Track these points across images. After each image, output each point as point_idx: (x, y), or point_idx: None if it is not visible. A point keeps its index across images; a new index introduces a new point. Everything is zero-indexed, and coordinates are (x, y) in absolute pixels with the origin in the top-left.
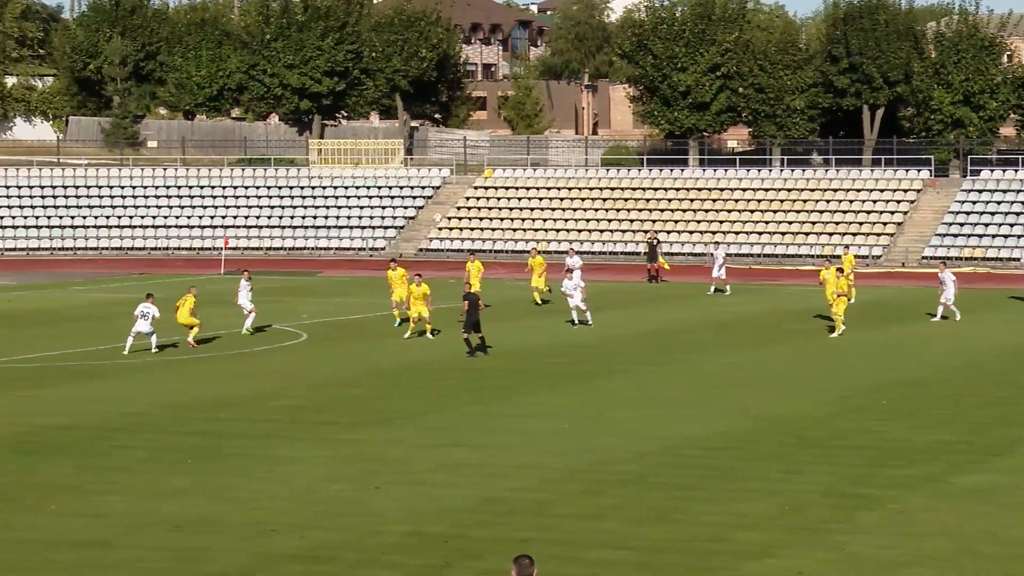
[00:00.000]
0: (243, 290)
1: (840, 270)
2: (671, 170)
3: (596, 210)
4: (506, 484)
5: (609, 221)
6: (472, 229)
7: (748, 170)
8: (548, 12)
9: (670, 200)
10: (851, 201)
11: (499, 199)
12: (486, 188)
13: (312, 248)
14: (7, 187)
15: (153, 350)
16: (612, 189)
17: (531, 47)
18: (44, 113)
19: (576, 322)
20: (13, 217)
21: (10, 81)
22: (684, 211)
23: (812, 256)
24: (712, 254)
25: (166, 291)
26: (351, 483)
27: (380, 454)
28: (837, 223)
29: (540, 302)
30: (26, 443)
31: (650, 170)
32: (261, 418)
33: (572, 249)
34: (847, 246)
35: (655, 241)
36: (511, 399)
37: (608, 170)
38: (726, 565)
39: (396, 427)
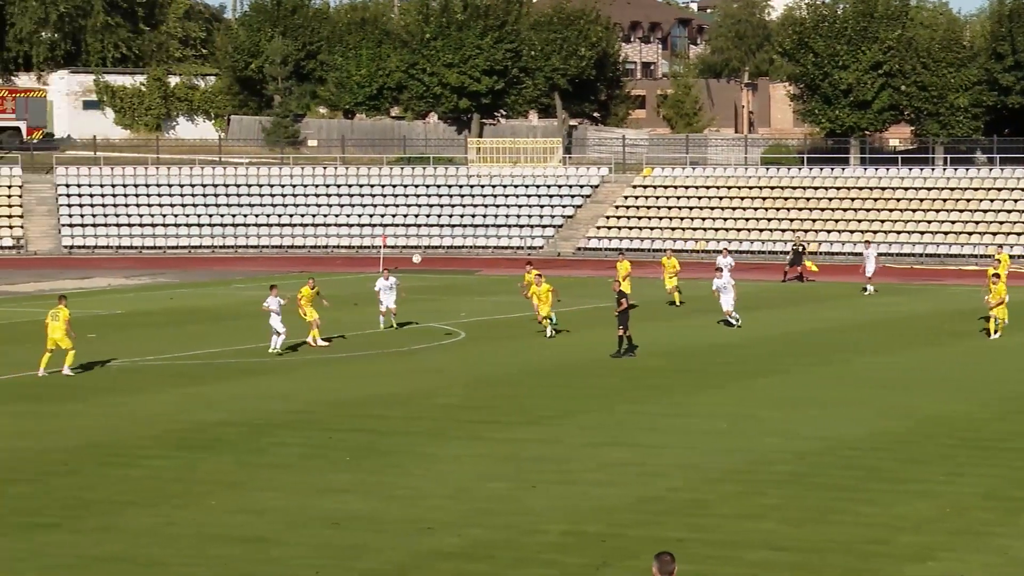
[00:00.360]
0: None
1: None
2: (831, 169)
3: (755, 209)
4: (663, 483)
5: (768, 220)
6: (630, 228)
7: (910, 169)
8: (708, 10)
9: (830, 199)
10: (1016, 200)
11: (657, 198)
12: (644, 187)
13: (470, 247)
14: (170, 185)
15: (273, 350)
16: (771, 188)
17: (691, 45)
18: (206, 112)
19: (729, 322)
20: (176, 215)
21: (173, 81)
22: (844, 210)
23: (975, 256)
24: (864, 253)
25: (327, 288)
26: (508, 481)
27: (537, 453)
28: (1001, 223)
29: (677, 303)
30: (188, 439)
31: (810, 169)
32: (419, 416)
33: (726, 249)
34: (1000, 245)
35: (801, 248)
36: (668, 399)
37: (768, 169)
38: (886, 568)
39: (553, 426)
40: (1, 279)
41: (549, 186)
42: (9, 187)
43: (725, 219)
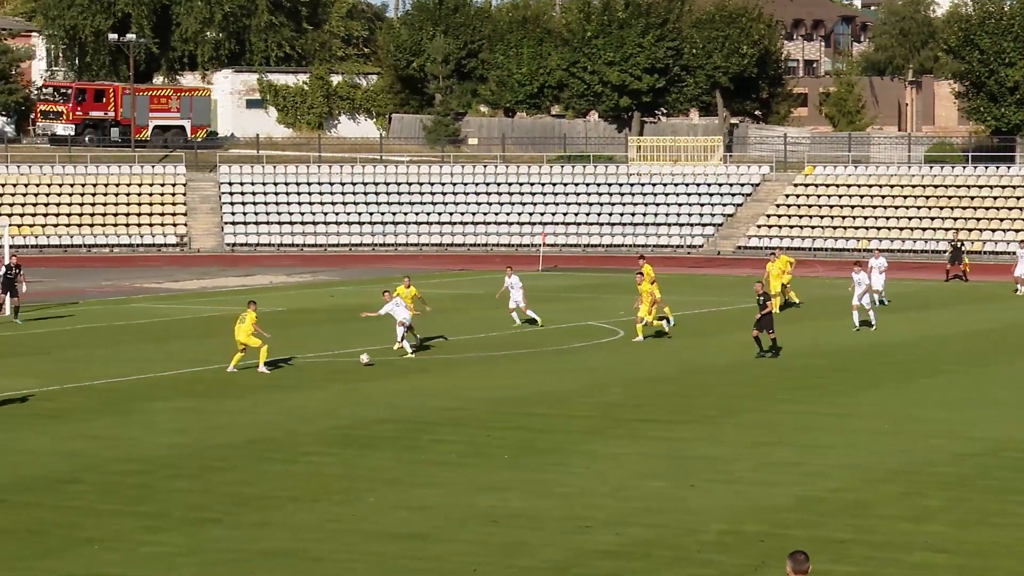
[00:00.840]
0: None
1: None
2: (996, 167)
3: (918, 208)
4: (825, 484)
5: (931, 220)
6: (791, 227)
7: None
8: (872, 7)
9: (995, 198)
10: None
11: (819, 196)
12: (805, 186)
13: (630, 245)
14: (331, 184)
15: (399, 348)
16: (935, 187)
17: (854, 43)
18: (368, 111)
19: (866, 324)
20: (337, 213)
21: (335, 79)
22: (1009, 209)
23: None
24: (1016, 253)
25: (486, 287)
26: (667, 480)
27: (697, 451)
28: None
29: (795, 302)
30: (347, 436)
31: (974, 167)
32: (578, 414)
33: (877, 250)
34: None
35: (960, 244)
36: (830, 398)
37: (931, 167)
38: None
39: (713, 425)
40: (165, 276)
41: (709, 184)
42: (173, 185)
43: (887, 218)
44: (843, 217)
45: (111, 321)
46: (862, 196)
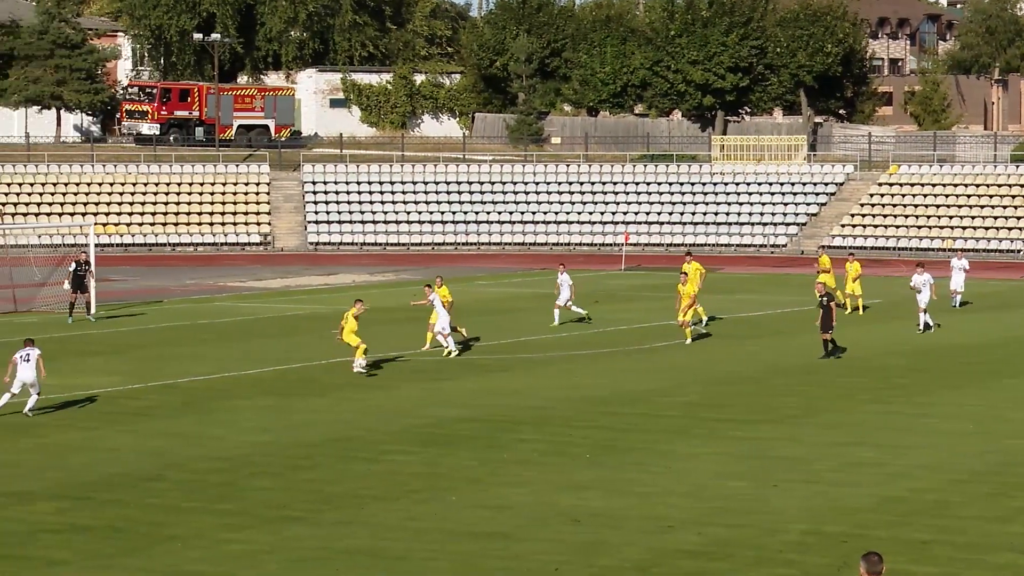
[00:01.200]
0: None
1: None
2: None
3: (1004, 207)
4: (907, 484)
5: (1018, 219)
6: (875, 227)
7: None
8: (958, 5)
9: None
10: None
11: (903, 196)
12: (890, 185)
13: (713, 244)
14: (414, 183)
15: (450, 351)
16: (1021, 186)
17: (939, 41)
18: (451, 110)
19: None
20: (419, 212)
21: (419, 79)
22: None
23: None
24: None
25: (577, 285)
26: (748, 480)
27: (778, 451)
28: None
29: (853, 308)
30: (428, 435)
31: None
32: (659, 413)
33: (960, 250)
34: None
35: None
36: (912, 398)
37: (1017, 166)
38: None
39: (794, 425)
40: (248, 275)
41: (793, 184)
42: (257, 184)
43: (972, 217)
44: (927, 217)
45: (195, 319)
46: (947, 195)
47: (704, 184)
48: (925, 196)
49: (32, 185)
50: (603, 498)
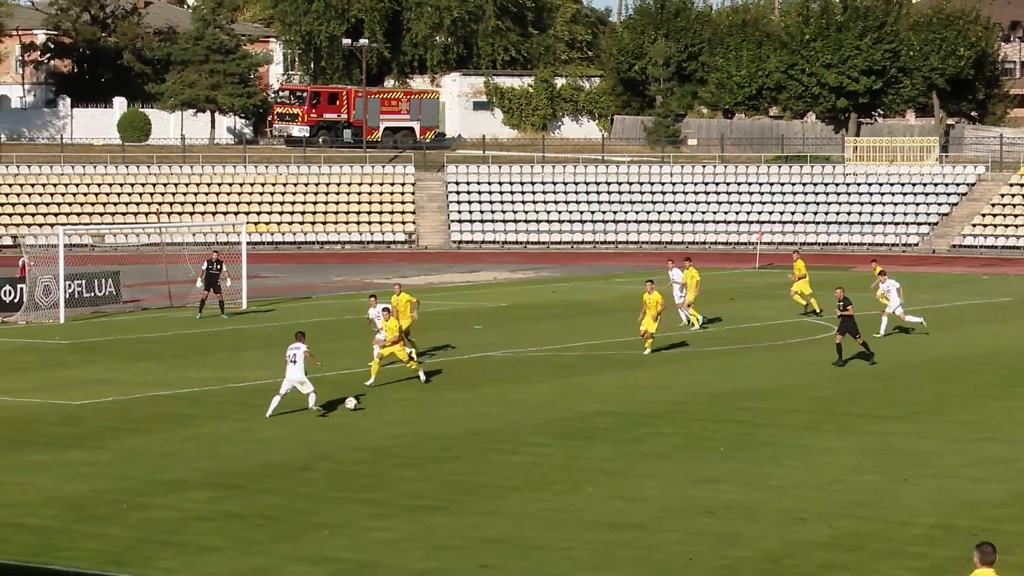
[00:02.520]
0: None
1: None
2: None
3: None
4: None
5: None
6: (1006, 227)
7: None
8: None
9: None
10: None
11: None
12: (1021, 185)
13: (845, 244)
14: (554, 183)
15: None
16: None
17: None
18: (590, 112)
19: None
20: (559, 212)
21: (559, 82)
22: None
23: None
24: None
25: (711, 283)
26: (879, 474)
27: (908, 446)
28: None
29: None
30: (568, 428)
31: None
32: (793, 408)
33: None
34: None
35: None
36: None
37: None
38: None
39: (924, 420)
40: (393, 272)
41: (925, 184)
42: (403, 184)
43: None
44: None
45: (342, 315)
46: None
47: (837, 184)
48: None
49: (187, 185)
50: (737, 491)
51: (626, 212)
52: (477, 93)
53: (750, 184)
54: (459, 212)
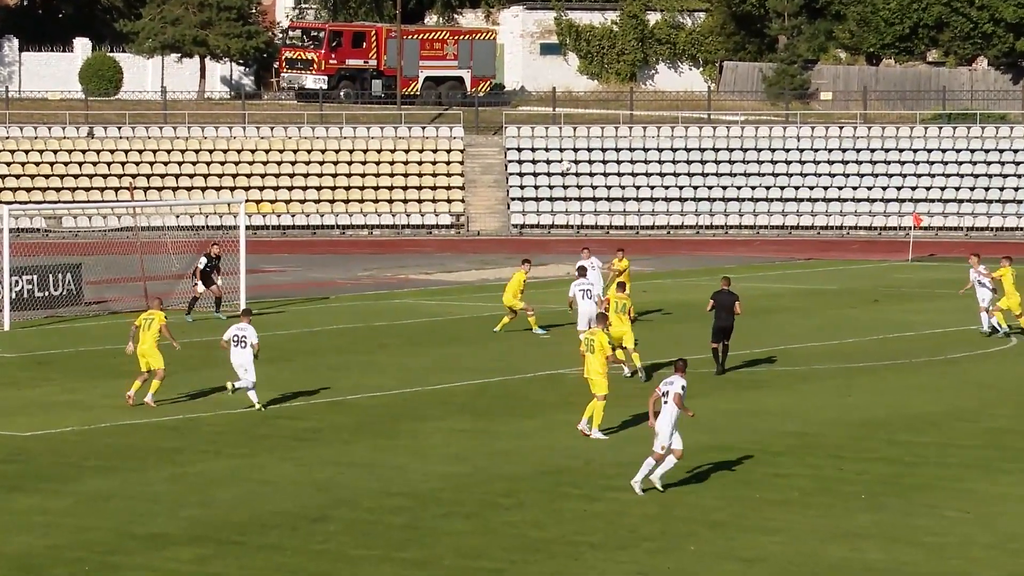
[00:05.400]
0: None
1: None
2: None
3: None
4: None
5: None
6: None
7: None
8: None
9: None
10: None
11: None
12: None
13: None
14: (646, 150)
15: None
16: None
17: None
18: (693, 58)
19: None
20: (651, 187)
21: (652, 18)
22: None
23: None
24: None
25: (841, 281)
26: None
27: None
28: None
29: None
30: None
31: None
32: (957, 443)
33: None
34: None
35: None
36: None
37: None
38: None
39: None
40: (436, 265)
41: None
42: (448, 151)
43: None
44: None
45: (370, 321)
46: None
47: (1016, 152)
48: None
49: (169, 152)
50: (883, 549)
51: (738, 188)
52: (545, 33)
53: (901, 151)
54: (521, 188)
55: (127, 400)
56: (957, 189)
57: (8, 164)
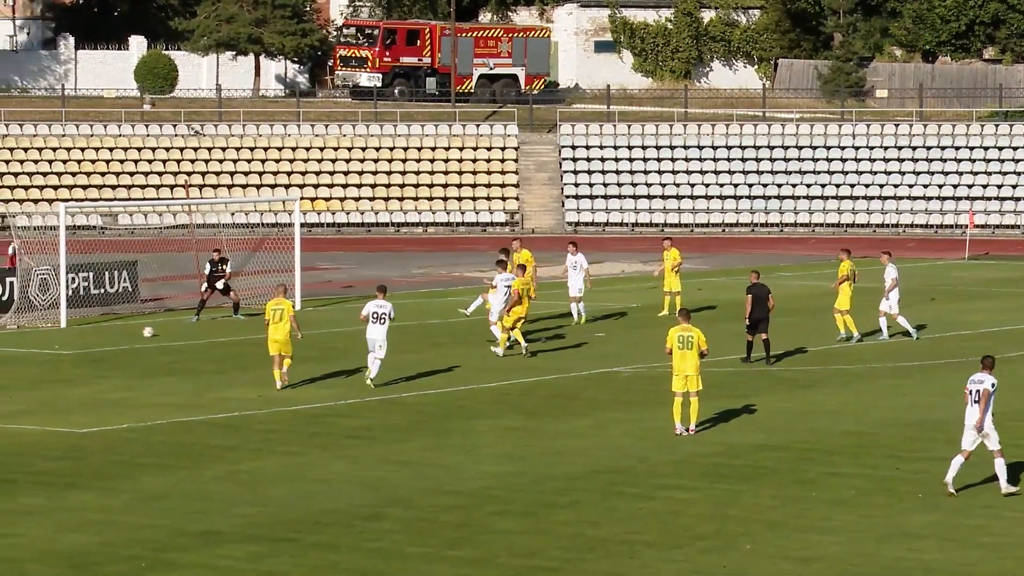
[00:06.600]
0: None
1: None
2: None
3: None
4: None
5: None
6: None
7: None
8: None
9: None
10: None
11: None
12: None
13: None
14: (700, 147)
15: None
16: None
17: None
18: (747, 55)
19: None
20: (706, 185)
21: (707, 16)
22: None
23: None
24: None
25: (906, 279)
26: None
27: None
28: None
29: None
30: (719, 465)
31: None
32: (1015, 443)
33: None
34: None
35: None
36: None
37: None
38: None
39: None
40: (490, 263)
41: None
42: (503, 149)
43: None
44: None
45: (423, 319)
46: None
47: None
48: None
49: (224, 150)
50: (940, 549)
51: (794, 186)
52: (600, 30)
53: (958, 149)
54: (576, 185)
55: (282, 382)
56: (1014, 187)
57: (64, 162)
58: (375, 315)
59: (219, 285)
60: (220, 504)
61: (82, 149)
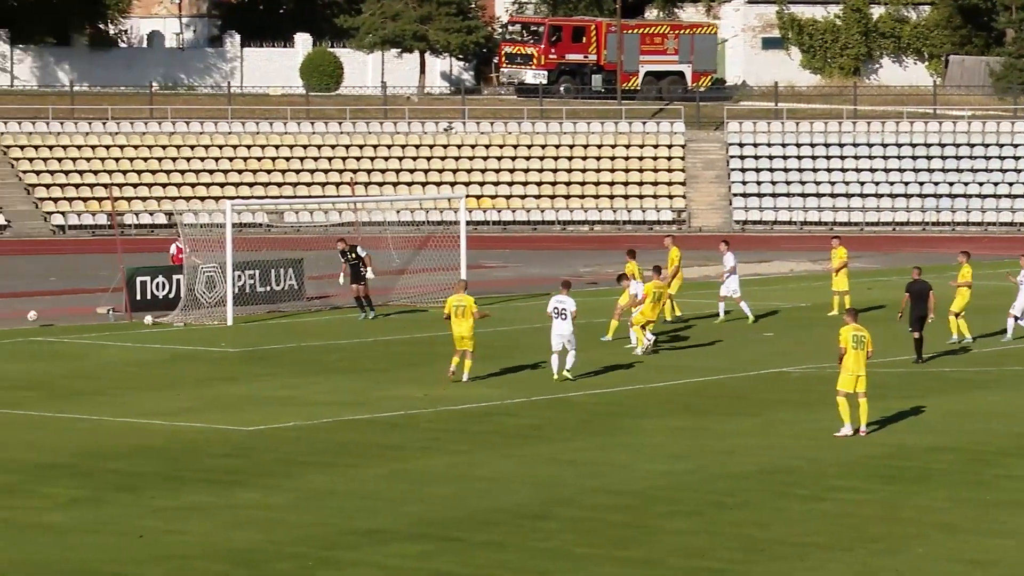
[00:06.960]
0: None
1: None
2: None
3: None
4: None
5: None
6: None
7: None
8: None
9: None
10: None
11: None
12: None
13: None
14: (870, 145)
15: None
16: None
17: None
18: (918, 51)
19: None
20: (876, 183)
21: (876, 12)
22: None
23: None
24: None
25: None
26: None
27: None
28: None
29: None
30: (891, 467)
31: None
32: None
33: None
34: None
35: None
36: None
37: None
38: None
39: None
40: (657, 261)
41: None
42: (670, 147)
43: None
44: None
45: (590, 318)
46: None
47: None
48: None
49: (389, 148)
50: None
51: (966, 184)
52: (767, 27)
53: None
54: (744, 183)
55: (448, 375)
56: None
57: (230, 159)
58: (556, 310)
59: (369, 275)
60: (386, 503)
61: (248, 147)
